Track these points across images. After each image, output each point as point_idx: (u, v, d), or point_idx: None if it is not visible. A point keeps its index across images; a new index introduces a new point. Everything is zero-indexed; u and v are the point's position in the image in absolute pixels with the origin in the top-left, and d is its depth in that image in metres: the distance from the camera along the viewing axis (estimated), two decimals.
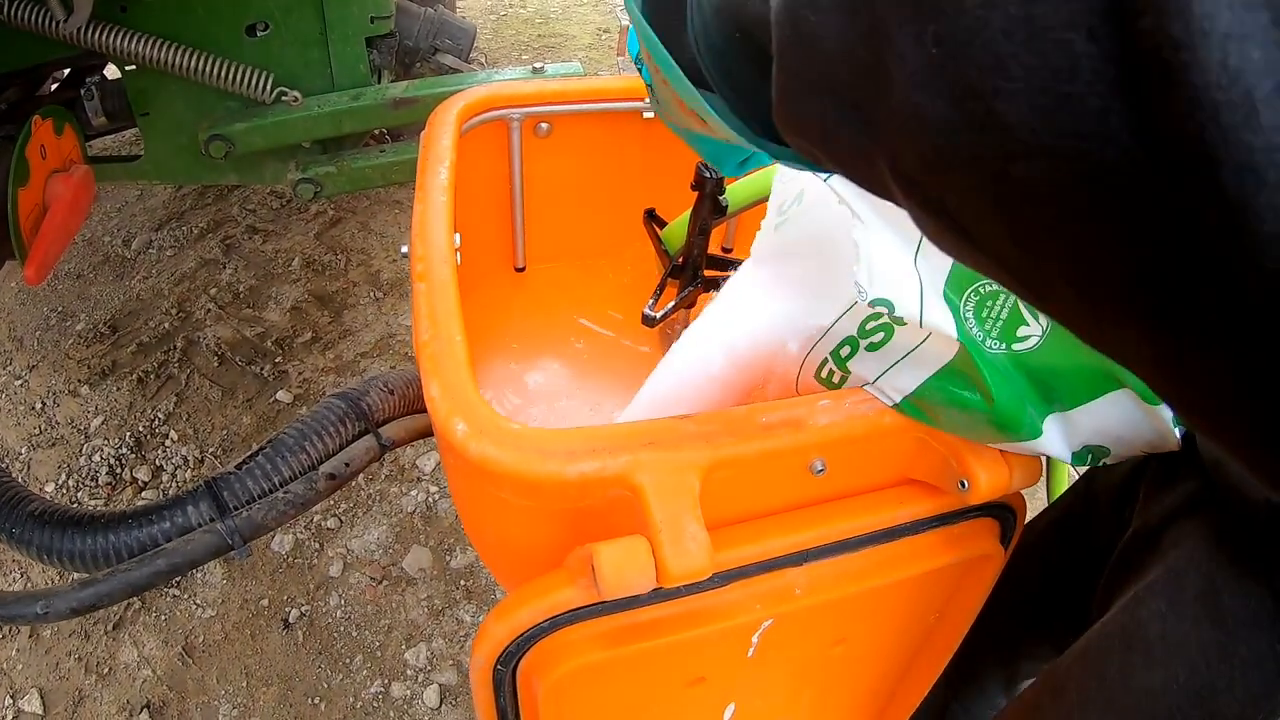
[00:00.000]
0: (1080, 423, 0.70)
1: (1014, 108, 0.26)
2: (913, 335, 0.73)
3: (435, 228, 0.86)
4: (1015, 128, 0.26)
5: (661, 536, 0.61)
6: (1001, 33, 0.26)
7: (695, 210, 1.04)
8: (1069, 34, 0.24)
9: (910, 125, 0.30)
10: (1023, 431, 0.70)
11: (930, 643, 0.97)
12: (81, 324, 2.31)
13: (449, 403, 0.68)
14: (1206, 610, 0.61)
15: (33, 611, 0.84)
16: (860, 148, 0.34)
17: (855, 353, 0.77)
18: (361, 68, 1.79)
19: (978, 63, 0.27)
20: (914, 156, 0.31)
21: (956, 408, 0.71)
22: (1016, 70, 0.26)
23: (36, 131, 1.40)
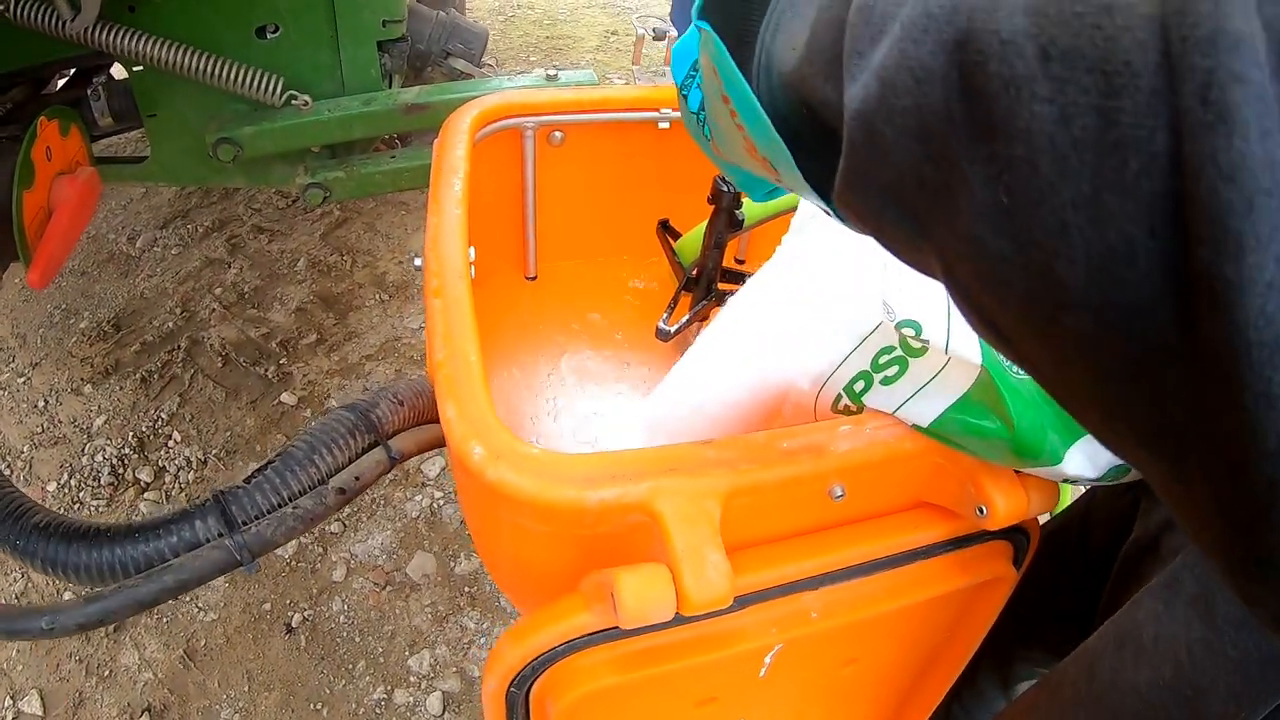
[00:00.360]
0: None
1: (1072, 271, 0.28)
2: (928, 366, 0.73)
3: (450, 241, 0.85)
4: (1070, 288, 0.28)
5: (683, 565, 0.60)
6: (1070, 204, 0.27)
7: (711, 224, 1.03)
8: (1132, 227, 0.26)
9: (971, 249, 0.31)
10: (1043, 458, 0.69)
11: (939, 661, 0.96)
12: (85, 322, 2.30)
13: (466, 425, 0.67)
14: (1198, 611, 0.61)
15: (38, 627, 0.83)
16: (915, 243, 0.36)
17: (869, 388, 0.77)
18: (373, 72, 1.78)
19: (1044, 223, 0.28)
20: (969, 272, 0.33)
21: (975, 436, 0.70)
22: (1079, 241, 0.28)
23: (42, 133, 1.39)
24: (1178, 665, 0.61)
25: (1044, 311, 0.30)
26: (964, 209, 0.31)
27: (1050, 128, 0.27)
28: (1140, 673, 0.64)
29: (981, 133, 0.29)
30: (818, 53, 0.39)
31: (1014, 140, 0.28)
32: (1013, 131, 0.28)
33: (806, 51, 0.40)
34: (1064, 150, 0.27)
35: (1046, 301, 0.30)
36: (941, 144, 0.31)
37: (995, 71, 0.29)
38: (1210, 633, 0.60)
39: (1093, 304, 0.28)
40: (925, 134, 0.31)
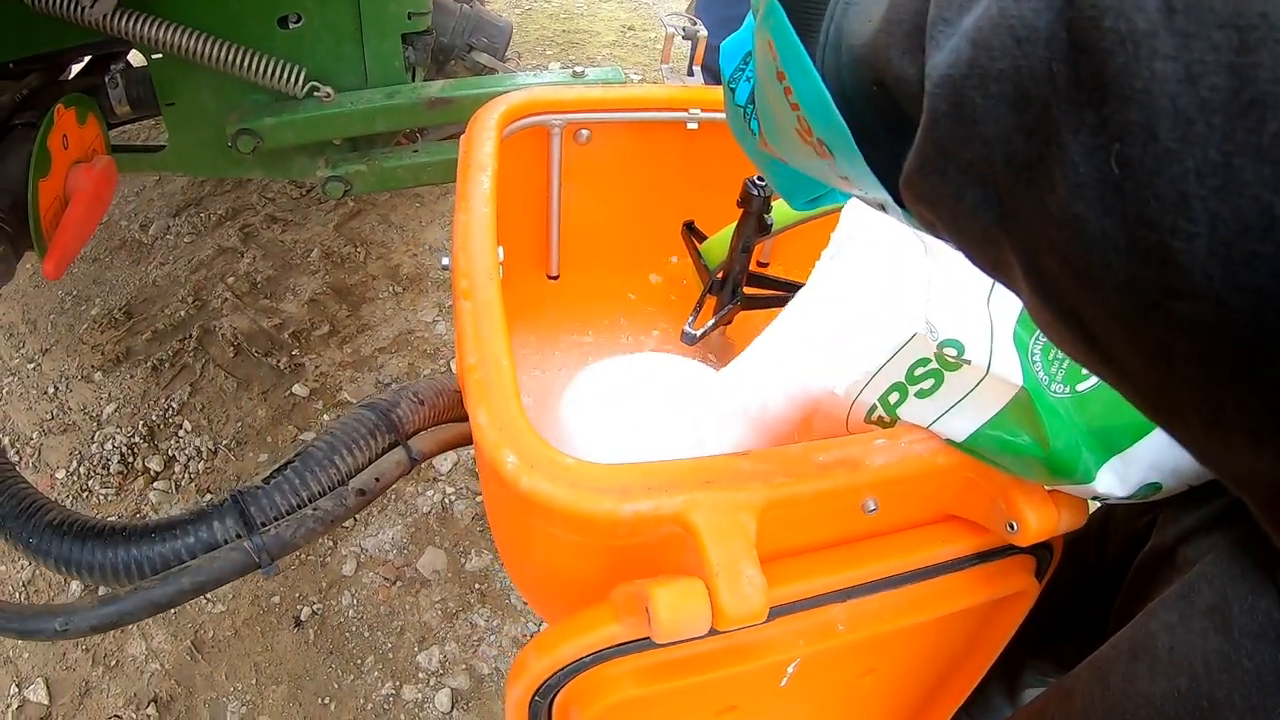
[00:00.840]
0: (1137, 459, 0.70)
1: (1191, 249, 0.26)
2: (965, 381, 0.72)
3: (479, 241, 0.84)
4: (1188, 269, 0.26)
5: (719, 580, 0.59)
6: (1194, 173, 0.25)
7: (739, 227, 1.02)
8: (1269, 195, 0.24)
9: (1065, 233, 0.29)
10: (1076, 476, 0.69)
11: (956, 673, 0.96)
12: (96, 309, 2.29)
13: (498, 433, 0.66)
14: (1215, 622, 0.60)
15: (51, 628, 0.82)
16: (991, 235, 0.33)
17: (904, 399, 0.76)
18: (396, 64, 1.75)
19: (1160, 195, 0.26)
20: (1058, 261, 0.30)
21: (1010, 454, 0.70)
22: (1202, 214, 0.25)
23: (59, 120, 1.38)
24: (1193, 677, 0.60)
25: (1148, 300, 0.28)
26: (1061, 184, 0.29)
27: (1173, 88, 0.25)
28: (1155, 684, 0.63)
29: (1090, 96, 0.27)
30: (896, 24, 0.36)
31: (1129, 103, 0.26)
32: (1128, 93, 0.26)
33: (884, 24, 0.37)
34: (1189, 112, 0.25)
35: (1154, 288, 0.27)
36: (1041, 111, 0.29)
37: (1111, 27, 0.26)
38: (1227, 644, 0.59)
39: (1214, 288, 0.26)
40: (1023, 100, 0.29)
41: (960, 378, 0.72)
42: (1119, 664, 0.67)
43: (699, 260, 1.11)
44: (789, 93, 0.44)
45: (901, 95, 0.36)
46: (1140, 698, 0.64)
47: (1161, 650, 0.63)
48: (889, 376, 0.77)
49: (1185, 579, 0.65)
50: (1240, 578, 0.61)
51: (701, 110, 1.16)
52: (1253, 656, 0.57)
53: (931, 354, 0.74)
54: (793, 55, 0.42)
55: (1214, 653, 0.59)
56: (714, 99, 1.16)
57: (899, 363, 0.76)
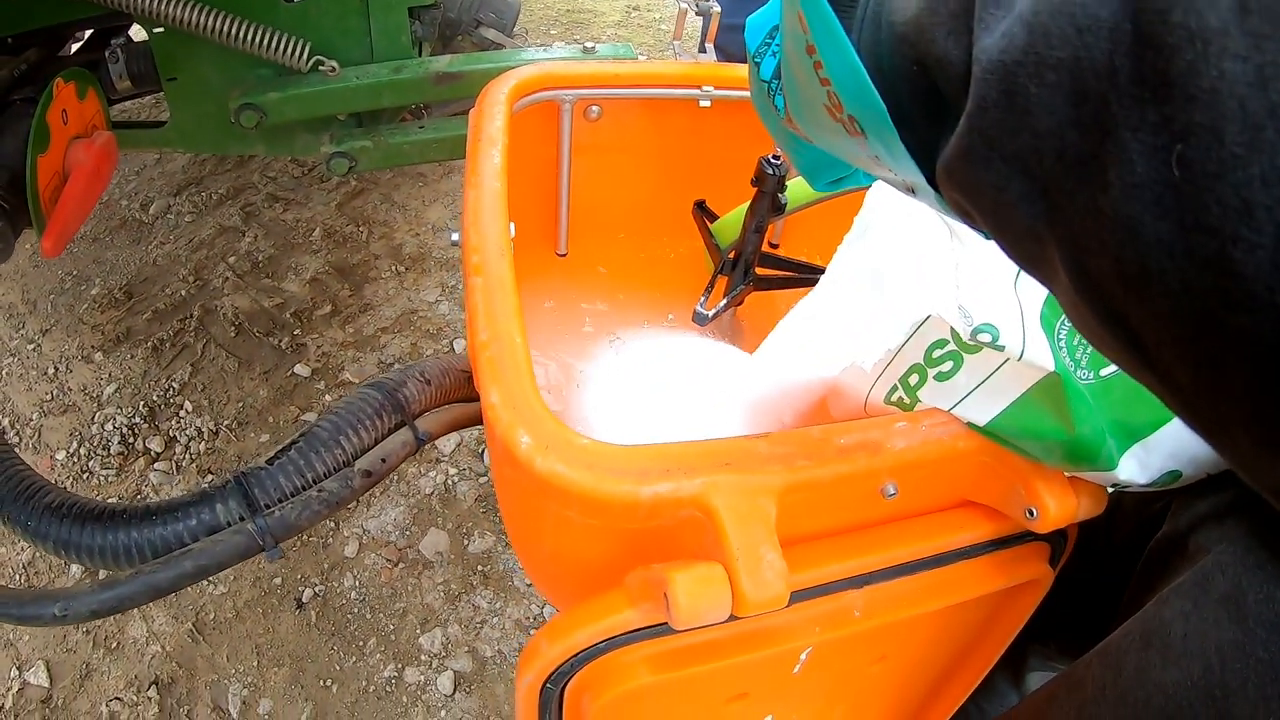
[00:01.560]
0: (1158, 447, 0.69)
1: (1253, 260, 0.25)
2: (985, 364, 0.71)
3: (490, 217, 0.82)
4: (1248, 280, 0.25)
5: (739, 565, 0.58)
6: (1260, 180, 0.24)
7: (753, 207, 1.00)
8: None
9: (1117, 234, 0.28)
10: (1099, 462, 0.68)
11: (968, 660, 0.95)
12: (96, 289, 2.27)
13: (511, 412, 0.64)
14: (1229, 612, 0.60)
15: (50, 613, 0.81)
16: (1035, 230, 0.32)
17: (924, 382, 0.75)
18: (403, 39, 1.73)
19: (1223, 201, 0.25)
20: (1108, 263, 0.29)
21: (1033, 439, 0.69)
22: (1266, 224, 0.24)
23: (58, 95, 1.36)
24: (1207, 665, 0.60)
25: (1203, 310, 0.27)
26: (1115, 184, 0.28)
27: (1243, 90, 0.24)
28: (1168, 672, 0.62)
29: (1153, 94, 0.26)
30: (942, 2, 0.35)
31: (1194, 103, 0.25)
32: (1194, 93, 0.25)
33: (929, 1, 0.36)
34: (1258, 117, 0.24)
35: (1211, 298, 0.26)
36: (1099, 105, 0.28)
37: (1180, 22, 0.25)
38: (1242, 634, 0.59)
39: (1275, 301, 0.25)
40: (1080, 92, 0.28)
41: (980, 360, 0.71)
42: (1131, 652, 0.67)
43: (710, 240, 1.10)
44: (819, 67, 0.43)
45: (943, 77, 0.35)
46: (1152, 685, 0.63)
47: (1175, 638, 0.63)
48: (908, 358, 0.76)
49: (1199, 567, 0.65)
50: (1256, 567, 0.60)
51: (714, 88, 1.14)
52: (1267, 646, 0.57)
53: (948, 334, 0.73)
54: (825, 28, 0.41)
55: (1228, 642, 0.59)
56: (727, 77, 1.15)
57: (917, 343, 0.75)
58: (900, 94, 0.39)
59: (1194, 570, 0.66)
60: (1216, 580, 0.62)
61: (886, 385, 0.78)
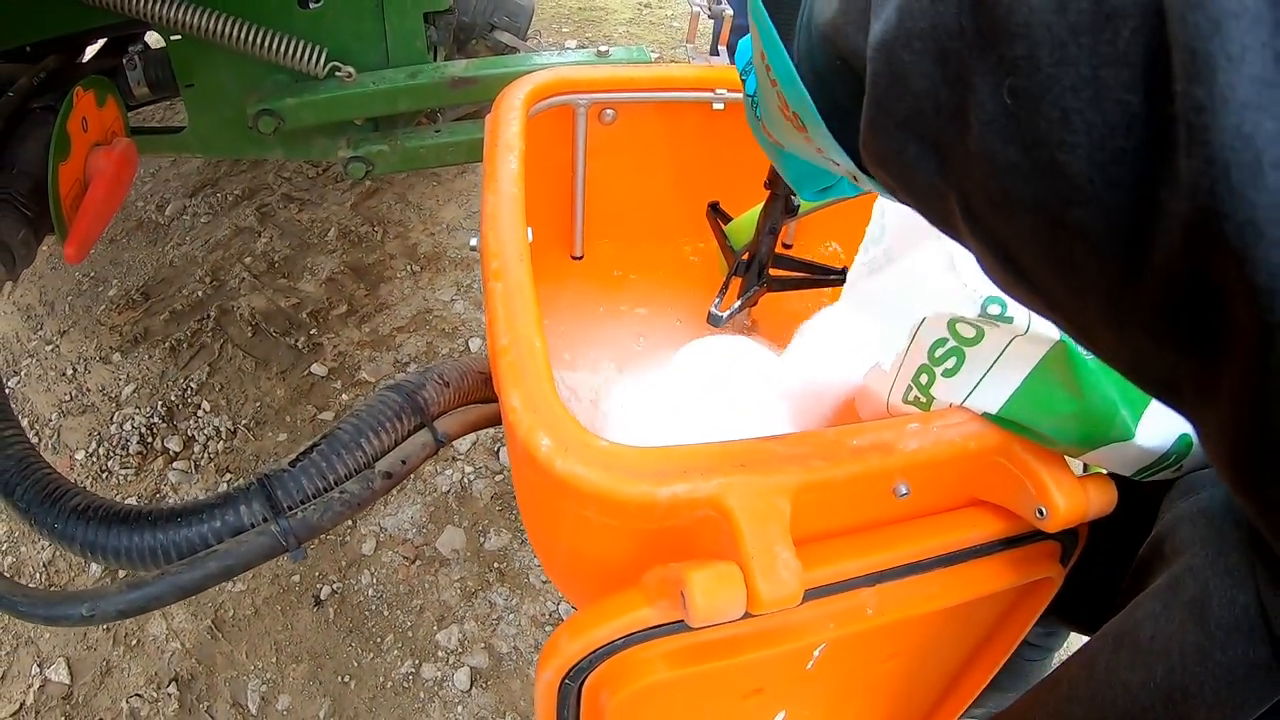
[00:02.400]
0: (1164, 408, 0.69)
1: (1074, 159, 0.29)
2: (987, 353, 0.72)
3: (508, 222, 0.84)
4: (1074, 177, 0.29)
5: (754, 564, 0.59)
6: (1070, 89, 0.29)
7: (766, 209, 1.01)
8: (1129, 94, 0.27)
9: (982, 167, 0.32)
10: (1114, 432, 0.69)
11: (979, 657, 0.96)
12: (114, 290, 2.29)
13: (532, 416, 0.65)
14: (1194, 615, 0.61)
15: (78, 614, 0.83)
16: (935, 186, 0.37)
17: (933, 380, 0.76)
18: (418, 44, 1.74)
19: (1046, 115, 0.29)
20: (983, 197, 0.34)
21: (1046, 414, 0.70)
22: (1080, 124, 0.29)
23: (78, 103, 1.37)
24: (1169, 668, 0.61)
25: (1051, 216, 0.31)
26: (974, 125, 0.32)
27: (1048, 18, 0.28)
28: (1134, 672, 0.64)
29: (988, 40, 0.31)
30: (852, 2, 0.40)
31: (1015, 39, 0.29)
32: (1013, 30, 0.29)
33: (841, 2, 0.41)
34: (1062, 37, 0.28)
35: (1053, 203, 0.30)
36: (956, 62, 0.32)
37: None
38: (1203, 637, 0.60)
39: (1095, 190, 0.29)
40: (941, 54, 0.33)
41: (982, 351, 0.73)
42: (1104, 652, 0.68)
43: (724, 241, 1.11)
44: (769, 69, 0.48)
45: (859, 67, 0.39)
46: (1119, 686, 0.65)
47: (1143, 640, 0.64)
48: (914, 360, 0.78)
49: (1172, 570, 0.66)
50: (1224, 572, 0.62)
51: (727, 90, 1.15)
52: (1226, 650, 0.58)
53: (946, 333, 0.74)
54: (766, 34, 0.47)
55: (1191, 645, 0.61)
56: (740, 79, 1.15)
57: (919, 345, 0.76)
58: (835, 89, 0.44)
59: (1168, 573, 0.67)
60: (1187, 584, 0.64)
61: (902, 386, 0.80)
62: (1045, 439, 0.72)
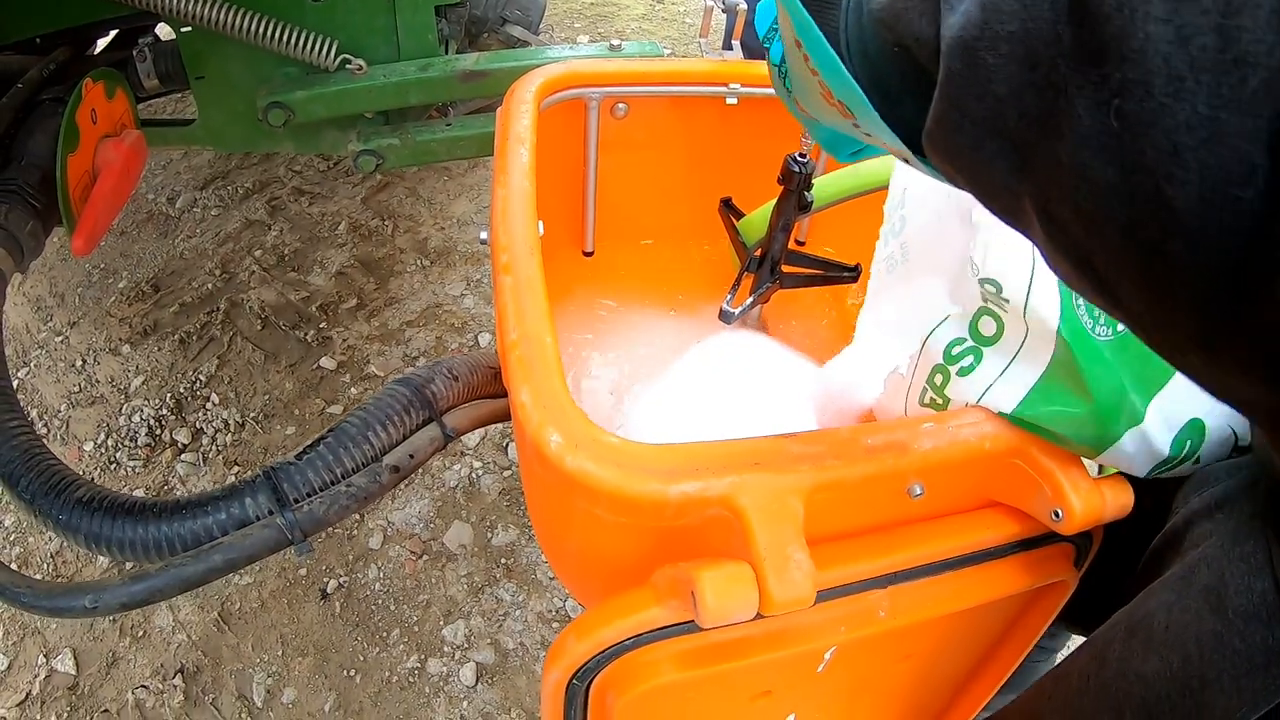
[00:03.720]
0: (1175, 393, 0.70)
1: (1183, 195, 0.28)
2: (1004, 353, 0.72)
3: (519, 216, 0.83)
4: (1180, 213, 0.28)
5: (766, 565, 0.58)
6: (1184, 126, 0.27)
7: (779, 205, 1.00)
8: (1249, 146, 0.26)
9: (1072, 180, 0.32)
10: (1122, 421, 0.68)
11: (991, 661, 0.95)
12: (124, 282, 2.29)
13: (542, 411, 0.65)
14: (1210, 603, 0.61)
15: (81, 605, 0.82)
16: (1009, 186, 0.36)
17: (948, 380, 0.76)
18: (430, 37, 1.73)
19: (1155, 145, 0.28)
20: (1069, 207, 0.33)
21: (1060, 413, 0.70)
22: (1192, 163, 0.27)
23: (87, 95, 1.37)
24: (1186, 656, 0.61)
25: (1148, 241, 0.30)
26: (1068, 136, 0.31)
27: (1165, 48, 0.27)
28: (1149, 662, 0.63)
29: (1091, 56, 0.30)
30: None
31: (1126, 62, 0.28)
32: (1125, 54, 0.28)
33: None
34: (1180, 71, 0.27)
35: (1151, 230, 0.30)
36: (1048, 70, 0.31)
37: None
38: (1221, 625, 0.59)
39: (1202, 229, 0.28)
40: (1031, 60, 0.32)
41: (998, 350, 0.72)
42: (1116, 642, 0.67)
43: (736, 237, 1.10)
44: (806, 59, 0.47)
45: (921, 54, 0.38)
46: (1133, 675, 0.64)
47: (1157, 629, 0.64)
48: (930, 359, 0.77)
49: (1186, 560, 0.66)
50: (1239, 559, 0.61)
51: (741, 85, 1.14)
52: (1244, 637, 0.58)
53: (966, 332, 0.73)
54: (804, 26, 0.45)
55: (1208, 633, 0.60)
56: (753, 74, 1.15)
57: (935, 346, 0.76)
58: (887, 73, 0.43)
59: (1181, 563, 0.66)
60: (1201, 573, 0.63)
61: (919, 389, 0.79)
62: (1061, 440, 0.71)
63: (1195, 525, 0.69)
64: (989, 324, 0.72)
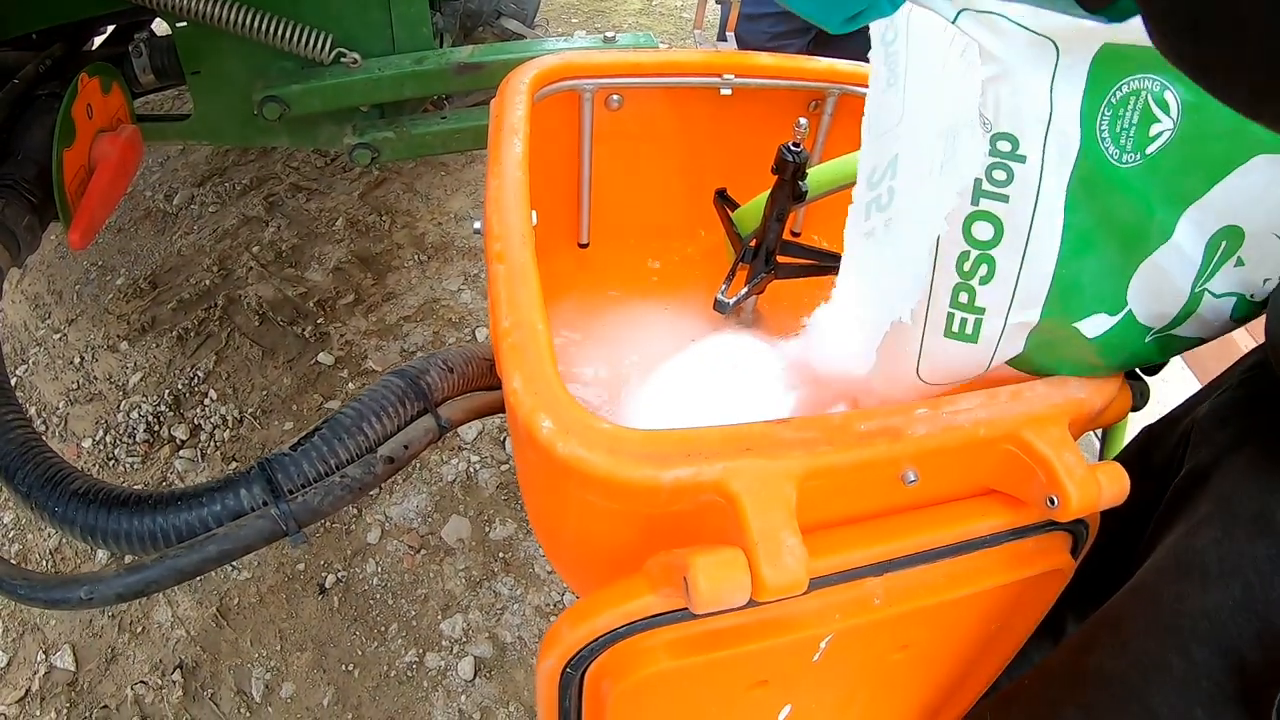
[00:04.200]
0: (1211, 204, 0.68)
1: None
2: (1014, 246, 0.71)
3: (512, 205, 0.83)
4: None
5: (759, 550, 0.58)
6: None
7: (774, 195, 1.00)
8: None
9: None
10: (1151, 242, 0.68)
11: (989, 651, 0.95)
12: (121, 279, 2.29)
13: (534, 398, 0.64)
14: (1260, 528, 0.62)
15: (77, 597, 0.82)
16: None
17: (974, 294, 0.75)
18: (425, 30, 1.74)
19: None
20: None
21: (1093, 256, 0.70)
22: None
23: (83, 90, 1.37)
24: (1246, 584, 0.62)
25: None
26: None
27: None
28: (1209, 596, 0.64)
29: None
30: None
31: None
32: None
33: None
34: None
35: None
36: None
37: None
38: (1275, 546, 0.61)
39: None
40: None
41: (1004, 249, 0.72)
42: (1166, 583, 0.68)
43: (731, 228, 1.10)
44: None
45: None
46: (1196, 612, 0.65)
47: (1210, 564, 0.64)
48: (945, 284, 0.76)
49: (1219, 494, 0.67)
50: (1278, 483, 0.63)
51: (735, 76, 1.14)
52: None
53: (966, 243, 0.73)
54: None
55: (1263, 557, 0.61)
56: (747, 65, 1.14)
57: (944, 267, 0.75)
58: None
59: (1216, 500, 0.67)
60: (1242, 503, 0.64)
61: (942, 319, 0.78)
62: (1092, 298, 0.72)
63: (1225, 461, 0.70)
64: (984, 228, 0.72)
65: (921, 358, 0.81)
